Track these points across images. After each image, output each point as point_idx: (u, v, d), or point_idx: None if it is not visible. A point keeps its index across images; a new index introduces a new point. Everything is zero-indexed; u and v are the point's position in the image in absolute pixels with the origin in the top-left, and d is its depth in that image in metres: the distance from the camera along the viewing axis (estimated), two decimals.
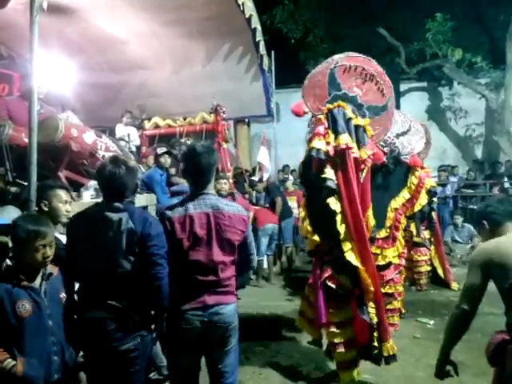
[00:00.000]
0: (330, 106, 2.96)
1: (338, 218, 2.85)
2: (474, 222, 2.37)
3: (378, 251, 3.53)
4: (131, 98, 6.99)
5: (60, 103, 5.41)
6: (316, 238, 3.04)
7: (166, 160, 5.10)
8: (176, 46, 5.96)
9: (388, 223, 3.62)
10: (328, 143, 2.87)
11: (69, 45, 5.23)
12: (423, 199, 3.84)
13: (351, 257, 2.85)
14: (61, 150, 3.48)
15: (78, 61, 5.39)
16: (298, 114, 3.10)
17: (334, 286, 2.96)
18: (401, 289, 3.76)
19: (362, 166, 2.93)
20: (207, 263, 2.18)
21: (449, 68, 10.03)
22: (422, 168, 3.88)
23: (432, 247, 5.71)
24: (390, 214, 3.63)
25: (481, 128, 10.77)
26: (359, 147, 2.91)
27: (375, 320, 2.96)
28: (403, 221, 3.76)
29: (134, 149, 6.05)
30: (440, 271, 5.76)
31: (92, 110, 6.36)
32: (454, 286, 5.61)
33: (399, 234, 3.67)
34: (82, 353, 2.20)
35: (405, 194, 3.75)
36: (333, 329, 2.98)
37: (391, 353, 3.03)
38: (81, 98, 5.82)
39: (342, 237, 2.85)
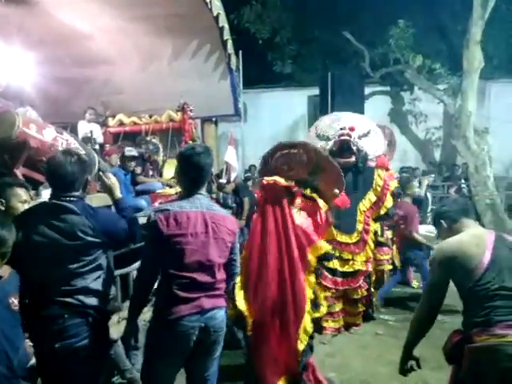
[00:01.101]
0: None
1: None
2: (433, 222, 2.46)
3: (350, 257, 3.57)
4: (95, 94, 6.79)
5: (19, 98, 5.19)
6: None
7: (131, 164, 5.04)
8: (142, 42, 5.86)
9: (359, 226, 3.65)
10: None
11: (29, 37, 5.02)
12: (389, 201, 3.91)
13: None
14: (18, 146, 3.33)
15: (39, 54, 5.18)
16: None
17: None
18: (366, 292, 3.81)
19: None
20: (205, 263, 2.11)
21: (410, 74, 10.38)
22: (387, 170, 3.96)
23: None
24: (360, 217, 3.66)
25: (439, 132, 11.22)
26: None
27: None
28: (372, 224, 3.82)
29: (96, 146, 5.88)
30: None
31: (53, 106, 6.13)
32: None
33: (369, 238, 3.72)
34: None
35: (371, 197, 3.80)
36: None
37: None
38: (41, 93, 5.59)
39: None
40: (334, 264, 3.46)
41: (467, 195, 8.48)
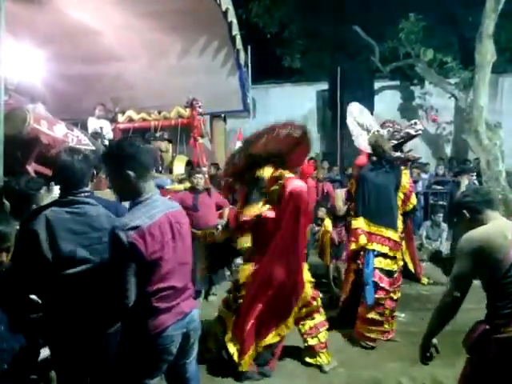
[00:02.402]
0: None
1: None
2: (454, 212, 2.42)
3: (398, 255, 3.61)
4: (104, 91, 6.83)
5: (29, 94, 5.24)
6: None
7: None
8: (151, 38, 5.87)
9: (400, 225, 3.72)
10: None
11: (40, 34, 5.07)
12: (414, 199, 3.97)
13: None
14: (29, 143, 3.38)
15: (49, 51, 5.23)
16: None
17: None
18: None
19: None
20: (179, 267, 1.99)
21: (420, 67, 10.25)
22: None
23: (403, 243, 5.84)
24: (399, 215, 3.76)
25: (450, 126, 11.08)
26: None
27: None
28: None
29: (106, 142, 5.93)
30: (411, 266, 5.89)
31: (63, 102, 6.19)
32: (424, 280, 5.75)
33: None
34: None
35: (400, 194, 3.85)
36: None
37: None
38: (52, 90, 5.64)
39: None
40: (388, 264, 3.55)
41: None
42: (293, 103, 11.05)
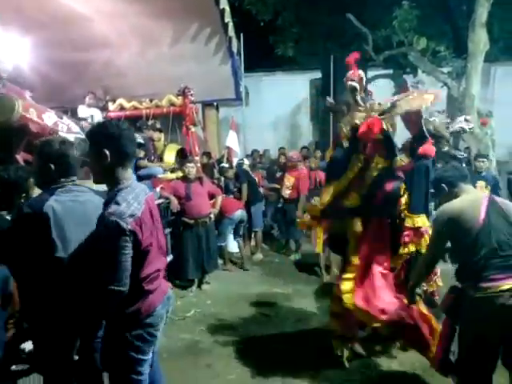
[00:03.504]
0: None
1: None
2: (433, 186, 2.68)
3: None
4: (95, 78, 6.74)
5: (18, 82, 5.15)
6: None
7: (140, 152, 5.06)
8: (142, 25, 5.78)
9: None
10: None
11: (27, 20, 4.96)
12: None
13: None
14: (18, 131, 3.33)
15: (37, 37, 5.11)
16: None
17: None
18: None
19: None
20: (160, 249, 2.04)
21: (414, 56, 10.22)
22: None
23: None
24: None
25: (442, 115, 11.11)
26: None
27: None
28: None
29: None
30: None
31: (53, 90, 6.10)
32: None
33: None
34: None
35: None
36: None
37: None
38: (40, 77, 5.55)
39: None
40: None
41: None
42: (286, 92, 11.01)
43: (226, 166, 6.82)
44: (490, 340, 2.20)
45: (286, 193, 6.52)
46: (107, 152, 1.86)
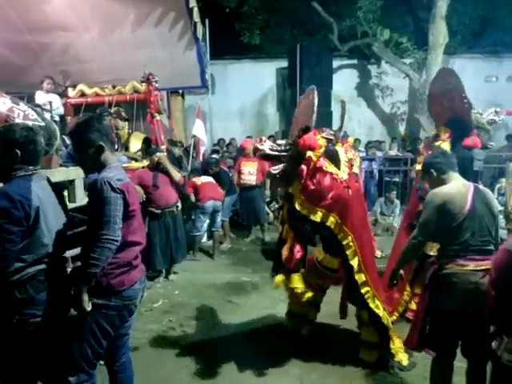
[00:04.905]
0: None
1: None
2: (423, 171, 2.72)
3: None
4: (53, 63, 6.42)
5: None
6: None
7: None
8: (103, 7, 5.56)
9: None
10: None
11: None
12: None
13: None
14: None
15: None
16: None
17: None
18: None
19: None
20: (140, 227, 2.26)
21: (377, 47, 10.42)
22: None
23: None
24: None
25: (405, 106, 11.41)
26: None
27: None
28: None
29: (56, 118, 5.61)
30: None
31: (7, 74, 5.78)
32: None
33: None
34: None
35: None
36: None
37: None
38: None
39: None
40: None
41: None
42: (252, 80, 10.93)
43: (216, 156, 6.95)
44: (460, 315, 2.34)
45: (251, 179, 6.63)
46: (102, 144, 2.14)
